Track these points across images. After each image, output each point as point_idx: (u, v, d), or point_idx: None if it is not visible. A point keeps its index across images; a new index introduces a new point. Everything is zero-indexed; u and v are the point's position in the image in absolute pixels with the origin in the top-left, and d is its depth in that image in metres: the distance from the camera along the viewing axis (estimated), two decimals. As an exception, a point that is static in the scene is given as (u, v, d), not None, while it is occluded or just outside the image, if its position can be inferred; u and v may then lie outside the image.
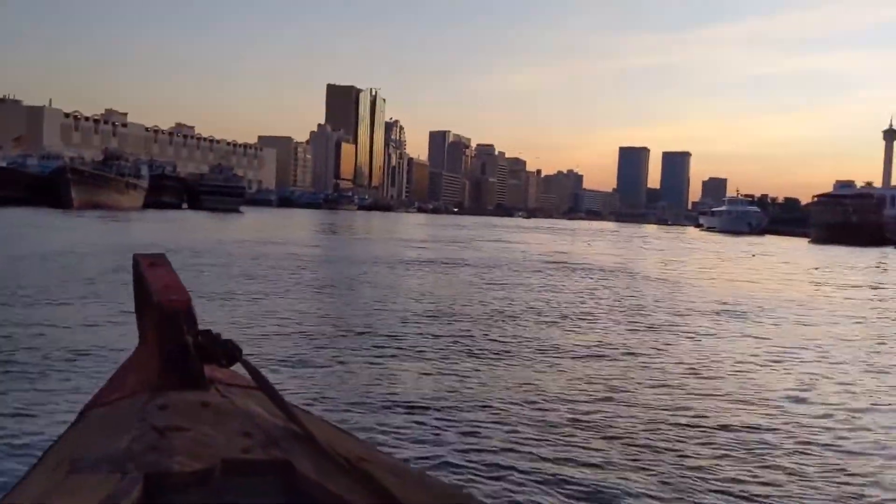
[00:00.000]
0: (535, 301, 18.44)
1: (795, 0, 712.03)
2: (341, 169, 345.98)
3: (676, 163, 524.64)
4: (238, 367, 1.41)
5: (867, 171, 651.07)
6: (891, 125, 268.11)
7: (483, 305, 17.04)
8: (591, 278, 26.21)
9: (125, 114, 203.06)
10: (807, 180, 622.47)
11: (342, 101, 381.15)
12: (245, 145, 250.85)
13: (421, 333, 12.65)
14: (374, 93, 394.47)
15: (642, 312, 17.42)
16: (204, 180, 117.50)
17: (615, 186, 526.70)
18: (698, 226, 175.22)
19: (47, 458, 1.35)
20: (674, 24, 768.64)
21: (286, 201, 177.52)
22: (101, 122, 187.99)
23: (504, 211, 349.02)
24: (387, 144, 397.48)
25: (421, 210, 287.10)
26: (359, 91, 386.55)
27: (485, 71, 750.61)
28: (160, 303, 1.35)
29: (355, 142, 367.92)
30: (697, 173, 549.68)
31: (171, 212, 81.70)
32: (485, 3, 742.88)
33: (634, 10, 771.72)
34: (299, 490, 1.18)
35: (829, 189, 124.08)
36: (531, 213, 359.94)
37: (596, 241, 67.47)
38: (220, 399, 1.32)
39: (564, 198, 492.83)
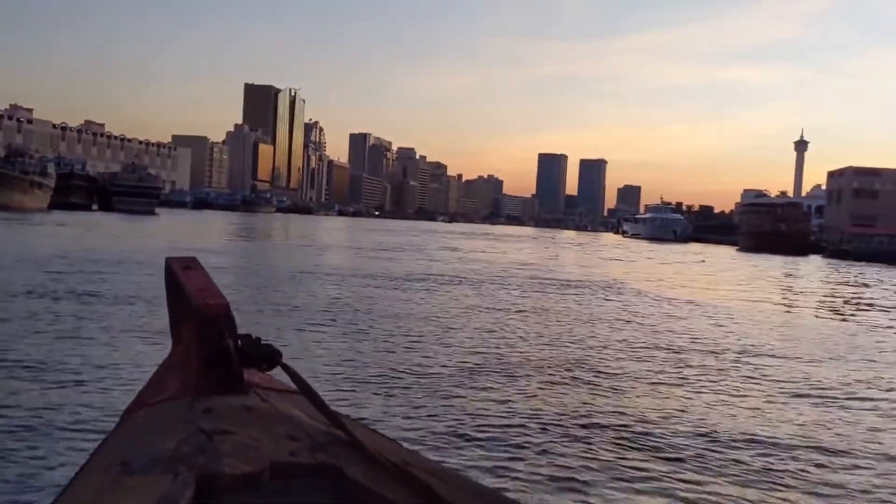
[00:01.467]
0: (623, 336, 14.97)
1: (704, 14, 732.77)
2: (259, 170, 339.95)
3: (593, 170, 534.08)
4: (277, 372, 1.43)
5: (773, 180, 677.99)
6: (801, 137, 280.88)
7: (542, 349, 13.05)
8: (615, 299, 22.93)
9: (31, 109, 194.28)
10: (715, 189, 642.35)
11: (260, 101, 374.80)
12: (158, 144, 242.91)
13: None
14: (293, 93, 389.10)
15: (752, 349, 14.31)
16: (117, 180, 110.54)
17: (534, 192, 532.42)
18: (620, 232, 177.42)
19: (96, 460, 1.38)
20: (588, 34, 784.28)
21: (202, 203, 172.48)
22: (5, 118, 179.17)
23: (426, 215, 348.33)
24: (306, 146, 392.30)
25: (342, 213, 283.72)
26: (277, 91, 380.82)
27: (406, 74, 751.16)
28: (199, 307, 1.36)
29: (273, 142, 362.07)
30: (613, 180, 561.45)
31: (80, 214, 76.60)
32: (405, 7, 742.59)
33: (549, 19, 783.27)
34: (348, 494, 1.19)
35: (737, 198, 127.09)
36: (452, 218, 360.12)
37: (550, 250, 67.52)
38: (261, 403, 1.34)
39: (485, 203, 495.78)
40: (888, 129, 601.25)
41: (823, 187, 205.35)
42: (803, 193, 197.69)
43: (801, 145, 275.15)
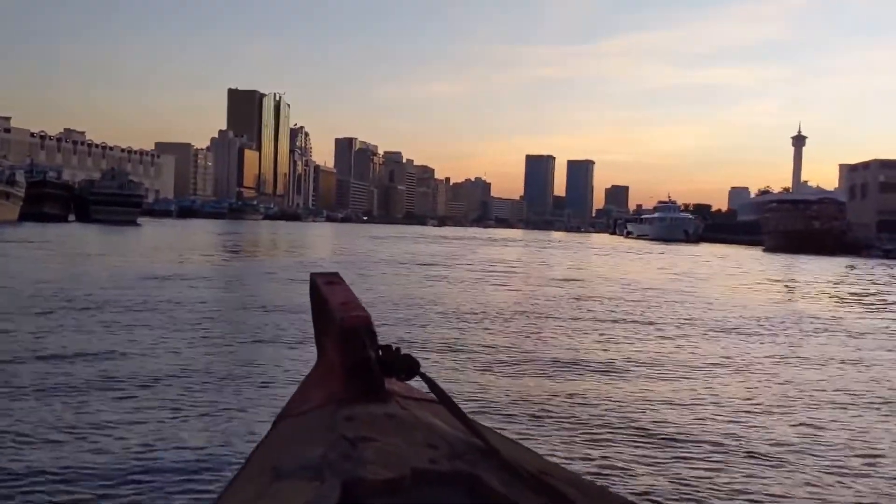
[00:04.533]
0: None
1: (687, 16, 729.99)
2: (245, 176, 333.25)
3: (580, 171, 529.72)
4: (416, 382, 1.45)
5: (761, 176, 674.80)
6: (799, 132, 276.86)
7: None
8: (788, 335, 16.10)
9: (8, 118, 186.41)
10: (702, 187, 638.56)
11: (245, 107, 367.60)
12: (141, 152, 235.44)
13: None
14: (277, 98, 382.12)
15: None
16: (95, 188, 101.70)
17: (522, 194, 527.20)
18: (623, 233, 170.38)
19: (251, 465, 1.46)
20: (573, 38, 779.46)
21: (187, 211, 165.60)
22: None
23: (415, 219, 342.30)
24: (292, 151, 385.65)
25: (330, 219, 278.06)
26: (262, 96, 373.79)
27: (391, 78, 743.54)
28: (342, 319, 1.41)
29: (259, 148, 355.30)
30: (600, 181, 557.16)
31: (53, 226, 67.80)
32: (389, 11, 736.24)
33: (534, 23, 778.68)
34: (485, 501, 1.21)
35: (724, 196, 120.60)
36: (442, 221, 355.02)
37: (579, 254, 60.81)
38: (401, 411, 1.37)
39: (473, 206, 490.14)
40: (870, 124, 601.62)
41: (812, 183, 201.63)
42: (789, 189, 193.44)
43: (798, 140, 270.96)
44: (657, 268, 46.16)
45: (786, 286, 32.86)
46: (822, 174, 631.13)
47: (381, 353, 1.41)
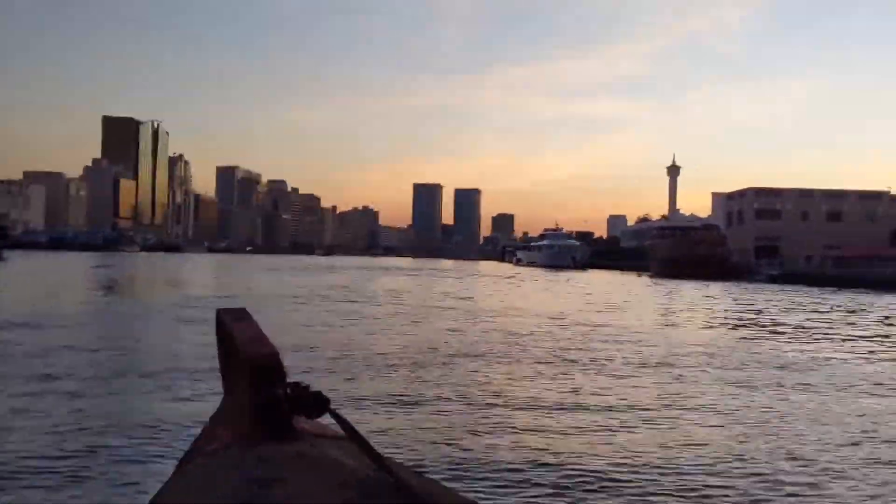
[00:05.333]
0: None
1: (566, 52, 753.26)
2: (121, 207, 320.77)
3: (468, 199, 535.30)
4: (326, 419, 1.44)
5: (638, 205, 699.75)
6: (673, 162, 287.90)
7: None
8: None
9: None
10: (584, 215, 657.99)
11: (120, 134, 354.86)
12: (8, 182, 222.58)
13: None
14: (155, 125, 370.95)
15: None
16: None
17: (411, 223, 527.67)
18: (513, 261, 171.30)
19: None
20: (457, 67, 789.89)
21: (59, 243, 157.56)
22: None
23: (301, 249, 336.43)
24: (171, 180, 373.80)
25: (212, 250, 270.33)
26: (139, 123, 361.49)
27: (274, 105, 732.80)
28: (250, 357, 1.38)
29: (136, 177, 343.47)
30: (487, 209, 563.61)
31: None
32: (270, 37, 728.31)
33: (419, 53, 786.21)
34: None
35: (602, 224, 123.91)
36: (329, 251, 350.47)
37: (479, 283, 58.62)
38: (312, 450, 1.35)
39: (361, 234, 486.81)
40: (736, 155, 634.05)
41: (685, 211, 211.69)
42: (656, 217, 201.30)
43: (673, 170, 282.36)
44: (567, 294, 45.27)
45: (706, 314, 32.24)
46: (696, 202, 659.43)
47: (290, 390, 1.38)
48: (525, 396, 11.47)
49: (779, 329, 24.92)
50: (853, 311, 34.87)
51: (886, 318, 31.64)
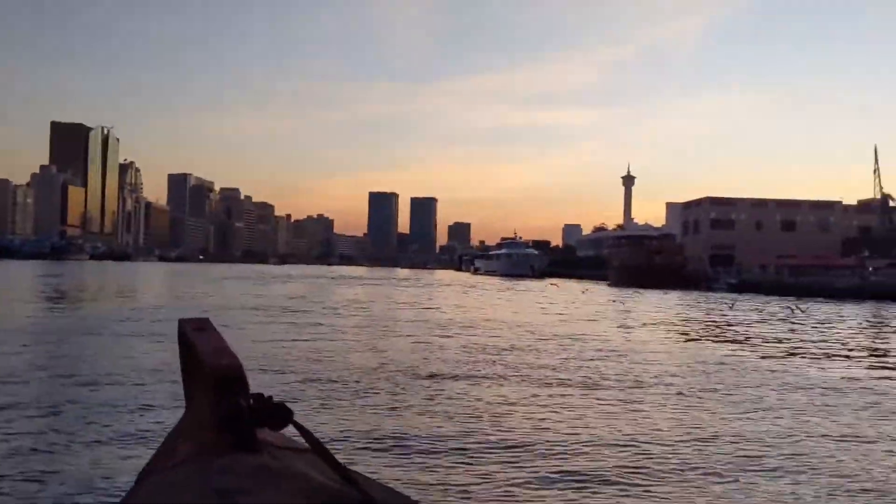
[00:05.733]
0: None
1: (522, 60, 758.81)
2: (69, 214, 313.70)
3: (424, 208, 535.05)
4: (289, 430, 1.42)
5: (593, 214, 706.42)
6: (628, 172, 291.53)
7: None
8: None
9: None
10: (540, 224, 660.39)
11: (70, 141, 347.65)
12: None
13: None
14: (106, 132, 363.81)
15: None
16: None
17: (366, 231, 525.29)
18: (471, 270, 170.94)
19: None
20: (412, 76, 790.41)
21: (5, 251, 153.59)
22: None
23: (255, 257, 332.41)
24: (121, 187, 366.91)
25: (163, 258, 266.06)
26: (89, 129, 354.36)
27: (227, 113, 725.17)
28: (212, 368, 1.37)
29: (85, 185, 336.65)
30: (444, 218, 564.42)
31: None
32: (224, 44, 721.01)
33: (373, 61, 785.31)
34: None
35: (558, 233, 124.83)
36: (283, 259, 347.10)
37: (442, 293, 57.01)
38: (275, 462, 1.34)
39: (316, 243, 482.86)
40: (690, 165, 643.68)
41: (640, 221, 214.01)
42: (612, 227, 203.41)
43: (628, 180, 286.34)
44: (534, 304, 44.54)
45: (683, 325, 31.67)
46: (650, 212, 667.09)
47: (253, 401, 1.35)
48: (530, 427, 10.44)
49: (799, 350, 24.30)
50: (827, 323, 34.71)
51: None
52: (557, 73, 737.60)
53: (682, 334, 27.21)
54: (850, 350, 22.70)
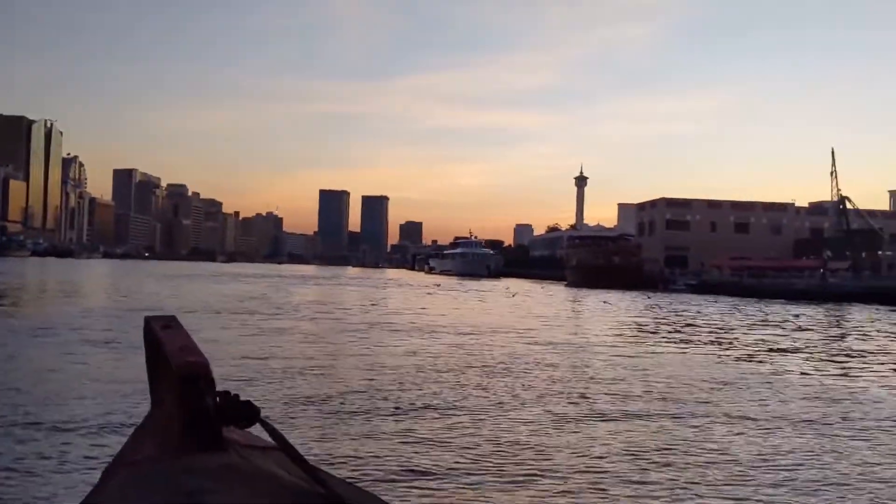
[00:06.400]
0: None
1: (474, 61, 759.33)
2: (10, 209, 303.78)
3: (375, 206, 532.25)
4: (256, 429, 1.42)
5: (543, 214, 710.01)
6: (581, 173, 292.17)
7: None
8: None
9: None
10: (491, 224, 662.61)
11: (10, 133, 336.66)
12: None
13: None
14: (48, 125, 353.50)
15: None
16: None
17: (316, 229, 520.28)
18: (425, 269, 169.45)
19: None
20: (361, 74, 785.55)
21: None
22: None
23: (203, 255, 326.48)
24: (64, 182, 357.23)
25: (107, 255, 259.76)
26: (30, 122, 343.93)
27: (172, 107, 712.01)
28: (178, 366, 1.36)
29: (26, 179, 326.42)
30: (395, 217, 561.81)
31: None
32: (168, 37, 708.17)
33: (322, 57, 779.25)
34: None
35: (509, 234, 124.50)
36: (231, 257, 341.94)
37: (404, 293, 54.97)
38: (241, 461, 1.33)
39: (265, 241, 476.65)
40: (641, 167, 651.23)
41: (592, 222, 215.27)
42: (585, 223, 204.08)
43: (581, 181, 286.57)
44: (506, 307, 43.42)
45: (676, 332, 30.64)
46: (601, 212, 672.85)
47: (219, 399, 1.35)
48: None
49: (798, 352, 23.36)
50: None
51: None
52: (509, 73, 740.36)
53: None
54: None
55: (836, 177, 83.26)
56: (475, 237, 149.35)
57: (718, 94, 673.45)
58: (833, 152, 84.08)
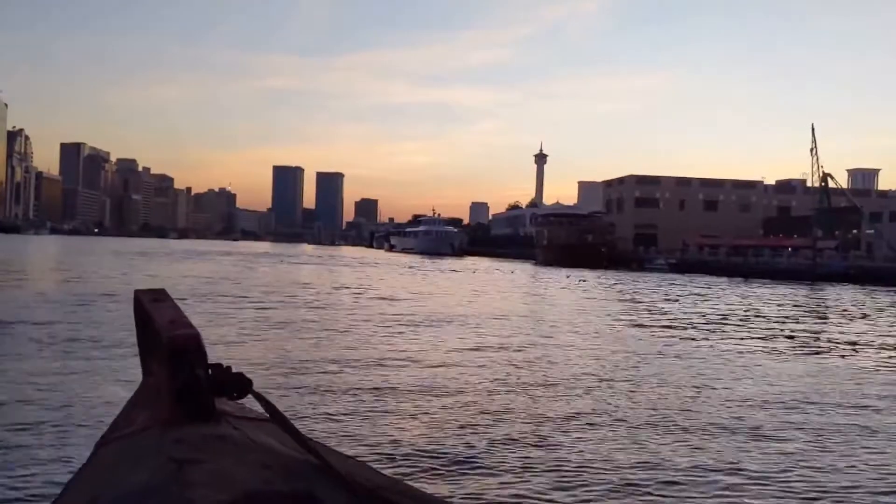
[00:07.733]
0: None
1: (427, 37, 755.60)
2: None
3: (330, 183, 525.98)
4: (248, 401, 1.41)
5: (500, 193, 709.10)
6: (541, 150, 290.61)
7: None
8: None
9: None
10: (447, 202, 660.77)
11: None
12: None
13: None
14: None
15: None
16: None
17: (270, 206, 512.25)
18: (386, 247, 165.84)
19: (68, 495, 1.37)
20: (313, 50, 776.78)
21: None
22: None
23: (154, 232, 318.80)
24: (9, 156, 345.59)
25: (55, 231, 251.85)
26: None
27: (120, 81, 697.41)
28: (169, 339, 1.35)
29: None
30: (350, 194, 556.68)
31: None
32: (117, 8, 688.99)
33: (273, 32, 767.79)
34: None
35: (465, 211, 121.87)
36: (183, 234, 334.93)
37: (372, 272, 51.83)
38: (233, 432, 1.34)
39: (217, 217, 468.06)
40: (600, 144, 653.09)
41: (550, 200, 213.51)
42: (545, 202, 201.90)
43: (540, 158, 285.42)
44: (494, 288, 40.59)
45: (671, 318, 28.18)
46: (559, 190, 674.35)
47: (210, 371, 1.34)
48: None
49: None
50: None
51: None
52: (462, 50, 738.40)
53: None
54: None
55: (816, 154, 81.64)
56: (438, 214, 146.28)
57: (678, 69, 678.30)
58: (813, 128, 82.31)
